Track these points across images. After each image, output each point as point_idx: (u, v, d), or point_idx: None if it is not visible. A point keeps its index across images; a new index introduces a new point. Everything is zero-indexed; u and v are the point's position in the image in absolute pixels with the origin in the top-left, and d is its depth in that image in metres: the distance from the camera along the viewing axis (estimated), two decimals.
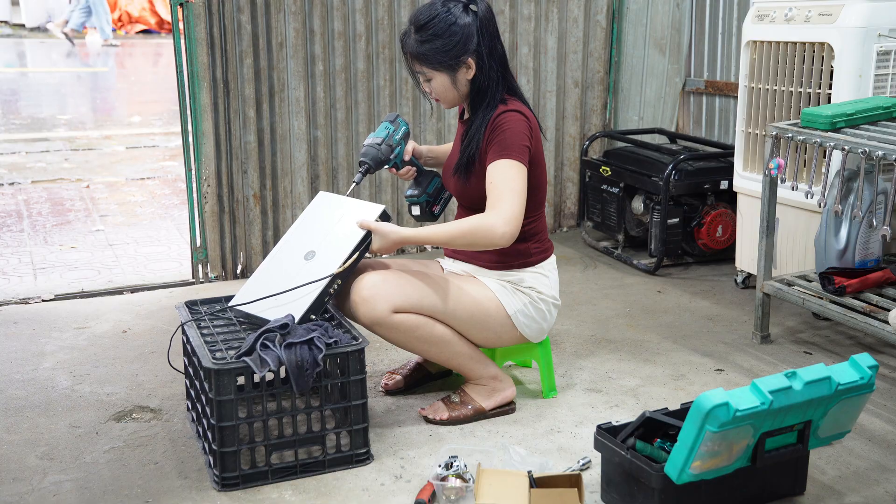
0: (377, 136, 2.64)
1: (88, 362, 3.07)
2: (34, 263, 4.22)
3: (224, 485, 2.24)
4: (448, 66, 2.44)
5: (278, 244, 2.62)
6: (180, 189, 5.76)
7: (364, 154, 2.62)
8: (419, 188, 2.71)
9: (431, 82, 2.49)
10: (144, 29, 18.53)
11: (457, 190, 2.60)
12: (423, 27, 2.43)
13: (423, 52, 2.44)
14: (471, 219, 2.41)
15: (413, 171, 2.72)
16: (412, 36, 2.45)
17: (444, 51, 2.42)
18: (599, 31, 4.58)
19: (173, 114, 8.50)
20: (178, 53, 3.69)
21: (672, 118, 4.62)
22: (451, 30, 2.42)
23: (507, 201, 2.36)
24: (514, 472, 2.20)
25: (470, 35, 2.44)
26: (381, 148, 2.62)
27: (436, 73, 2.46)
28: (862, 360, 2.08)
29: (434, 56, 2.43)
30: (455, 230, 2.40)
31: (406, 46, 2.47)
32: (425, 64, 2.46)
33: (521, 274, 2.58)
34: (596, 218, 4.42)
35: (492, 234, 2.35)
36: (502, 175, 2.39)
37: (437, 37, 2.42)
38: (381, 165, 2.63)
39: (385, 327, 2.44)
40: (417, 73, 2.50)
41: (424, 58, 2.44)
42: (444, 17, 2.42)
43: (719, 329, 3.35)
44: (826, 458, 2.38)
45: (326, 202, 2.66)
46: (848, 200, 2.89)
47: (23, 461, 2.41)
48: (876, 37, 3.05)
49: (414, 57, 2.47)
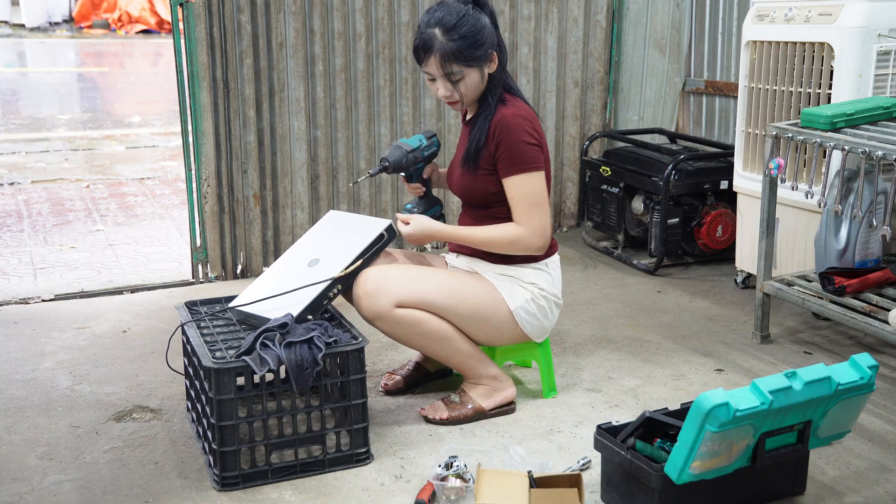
0: (409, 143, 2.66)
1: (88, 362, 3.07)
2: (34, 263, 4.22)
3: (224, 484, 2.24)
4: (481, 60, 2.48)
5: (284, 254, 2.67)
6: (180, 189, 5.76)
7: (390, 154, 2.64)
8: (420, 207, 2.75)
9: (463, 81, 2.48)
10: (144, 29, 18.54)
11: (464, 184, 2.60)
12: (455, 27, 2.43)
13: (459, 49, 2.43)
14: (508, 230, 2.50)
15: (422, 190, 2.75)
16: (441, 38, 2.43)
17: (478, 45, 2.45)
18: (599, 31, 4.58)
19: (173, 114, 8.50)
20: (178, 53, 3.69)
21: (672, 118, 4.62)
22: (478, 25, 2.45)
23: (535, 215, 2.48)
24: (514, 472, 2.20)
25: (491, 30, 2.49)
26: (409, 156, 2.64)
27: (470, 70, 2.47)
28: (862, 360, 2.08)
29: (470, 52, 2.44)
30: (495, 237, 2.50)
31: (436, 49, 2.44)
32: (462, 62, 2.45)
33: (524, 269, 2.58)
34: (596, 218, 4.42)
35: (530, 247, 2.51)
36: (522, 190, 2.47)
37: (470, 33, 2.44)
38: (398, 171, 2.65)
39: (387, 322, 2.45)
40: (451, 74, 2.47)
41: (461, 55, 2.44)
42: (471, 15, 2.45)
43: (719, 329, 3.35)
44: (826, 458, 2.38)
45: (335, 218, 2.73)
46: (848, 200, 2.89)
47: (23, 461, 2.41)
48: (876, 37, 3.05)
49: (450, 57, 2.44)
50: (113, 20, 18.76)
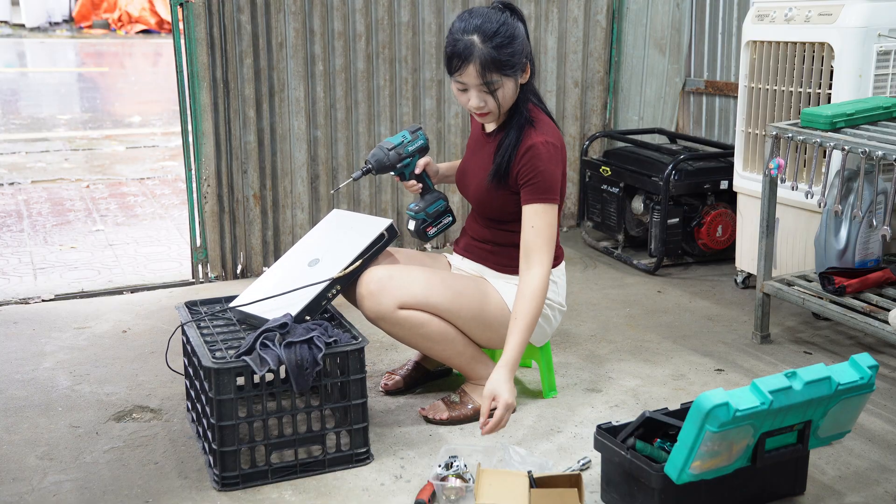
0: (390, 141, 2.63)
1: (88, 362, 3.07)
2: (34, 263, 4.22)
3: (224, 484, 2.24)
4: (517, 70, 2.42)
5: (286, 254, 2.66)
6: (180, 189, 5.76)
7: (371, 155, 2.61)
8: (422, 204, 2.70)
9: (501, 91, 2.42)
10: (144, 29, 18.54)
11: (482, 199, 2.57)
12: (496, 34, 2.36)
13: (503, 58, 2.36)
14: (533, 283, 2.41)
15: (419, 187, 2.69)
16: (481, 46, 2.35)
17: (517, 53, 2.39)
18: (599, 31, 4.58)
19: (173, 114, 8.50)
20: (178, 53, 3.69)
21: (672, 118, 4.62)
22: (517, 32, 2.40)
23: (546, 252, 2.43)
24: (514, 472, 2.19)
25: (525, 39, 2.44)
26: (390, 154, 2.60)
27: (507, 80, 2.41)
28: (862, 360, 2.08)
29: (511, 60, 2.38)
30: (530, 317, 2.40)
31: (476, 57, 2.35)
32: (503, 71, 2.38)
33: None
34: (596, 218, 4.42)
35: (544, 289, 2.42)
36: (544, 221, 2.43)
37: (511, 40, 2.38)
38: (384, 170, 2.61)
39: (389, 322, 2.45)
40: (489, 83, 2.39)
41: (504, 64, 2.37)
42: (510, 22, 2.39)
43: (719, 329, 3.35)
44: (826, 458, 2.38)
45: (337, 218, 2.71)
46: (848, 200, 2.89)
47: (23, 461, 2.41)
48: (876, 37, 3.05)
49: (489, 66, 2.36)
50: (113, 20, 18.77)
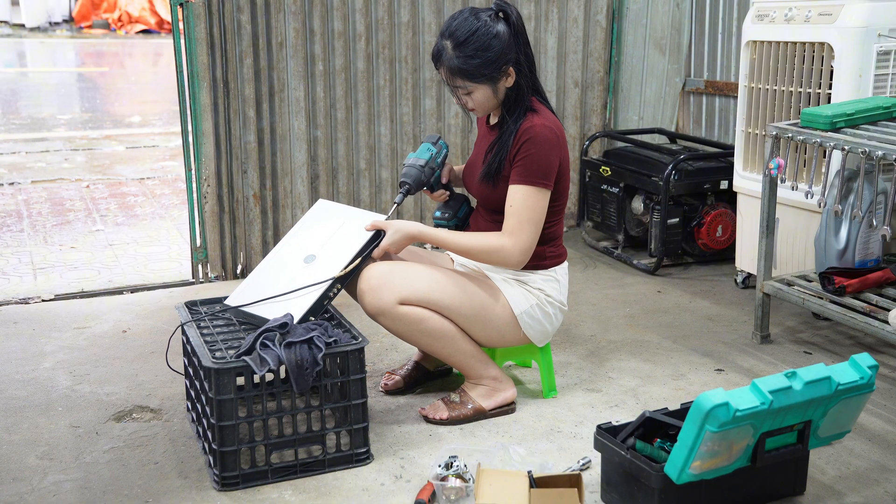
0: (420, 157, 2.62)
1: (88, 362, 3.07)
2: (34, 263, 4.22)
3: (224, 484, 2.24)
4: (491, 78, 2.42)
5: (275, 248, 2.63)
6: (180, 189, 5.76)
7: (405, 175, 2.60)
8: (449, 211, 2.70)
9: (472, 95, 2.46)
10: (144, 29, 18.55)
11: (483, 196, 2.58)
12: (464, 43, 2.38)
13: (465, 67, 2.39)
14: (490, 239, 2.45)
15: (446, 195, 2.71)
16: (450, 52, 2.40)
17: (486, 64, 2.39)
18: (599, 31, 4.58)
19: (173, 114, 8.50)
20: (178, 53, 3.69)
21: (672, 118, 4.62)
22: (491, 43, 2.38)
23: (525, 232, 2.43)
24: (514, 472, 2.20)
25: (509, 45, 2.42)
26: (425, 170, 2.61)
27: (478, 86, 2.43)
28: (862, 360, 2.08)
29: (477, 70, 2.40)
30: (473, 245, 2.45)
31: (444, 62, 2.42)
32: (468, 79, 2.42)
33: (533, 275, 2.58)
34: (596, 218, 4.42)
35: (507, 262, 2.46)
36: (524, 202, 2.43)
37: (479, 51, 2.38)
38: (421, 187, 2.62)
39: (389, 318, 2.45)
40: (458, 87, 2.45)
41: (467, 73, 2.40)
42: (484, 31, 2.38)
43: (719, 329, 3.35)
44: (826, 458, 2.38)
45: (326, 209, 2.68)
46: (848, 200, 2.89)
47: (23, 461, 2.41)
48: (876, 37, 3.05)
49: (455, 73, 2.42)
50: (113, 20, 18.78)
